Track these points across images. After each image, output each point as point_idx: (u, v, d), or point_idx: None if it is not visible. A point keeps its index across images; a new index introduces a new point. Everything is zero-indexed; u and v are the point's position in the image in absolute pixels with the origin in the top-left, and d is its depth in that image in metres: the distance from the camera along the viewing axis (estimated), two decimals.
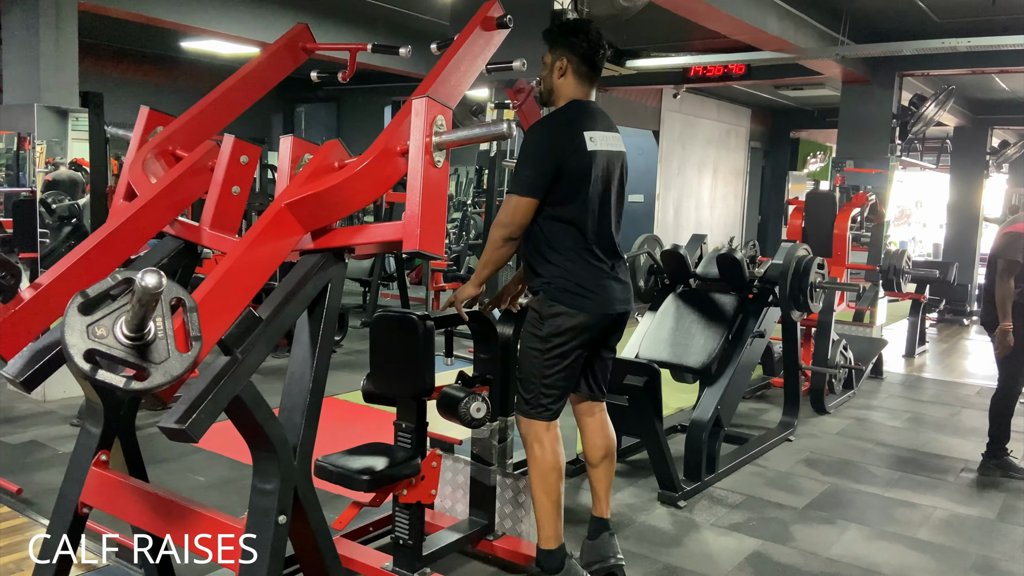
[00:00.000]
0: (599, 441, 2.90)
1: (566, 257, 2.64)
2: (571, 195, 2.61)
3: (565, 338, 2.64)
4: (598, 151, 2.65)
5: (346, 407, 5.20)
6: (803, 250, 4.77)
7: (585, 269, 2.65)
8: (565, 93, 2.73)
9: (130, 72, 10.25)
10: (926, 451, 4.92)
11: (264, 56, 2.55)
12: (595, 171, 2.64)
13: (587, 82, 2.75)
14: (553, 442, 2.71)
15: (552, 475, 2.69)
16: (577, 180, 2.61)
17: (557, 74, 2.72)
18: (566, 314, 2.63)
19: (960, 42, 6.67)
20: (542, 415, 2.69)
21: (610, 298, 2.70)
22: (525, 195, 2.59)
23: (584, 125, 2.65)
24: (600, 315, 2.69)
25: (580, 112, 2.69)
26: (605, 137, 2.70)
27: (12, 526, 3.31)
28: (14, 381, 1.87)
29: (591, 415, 2.91)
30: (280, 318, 1.79)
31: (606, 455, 2.91)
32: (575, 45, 2.69)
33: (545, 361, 2.66)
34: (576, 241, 2.65)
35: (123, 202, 2.14)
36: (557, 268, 2.65)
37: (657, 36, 8.21)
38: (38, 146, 5.17)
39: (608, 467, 2.92)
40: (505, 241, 2.63)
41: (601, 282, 2.68)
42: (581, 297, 2.64)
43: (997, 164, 11.66)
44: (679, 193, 11.99)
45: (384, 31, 8.10)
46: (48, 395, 5.05)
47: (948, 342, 9.33)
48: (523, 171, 2.62)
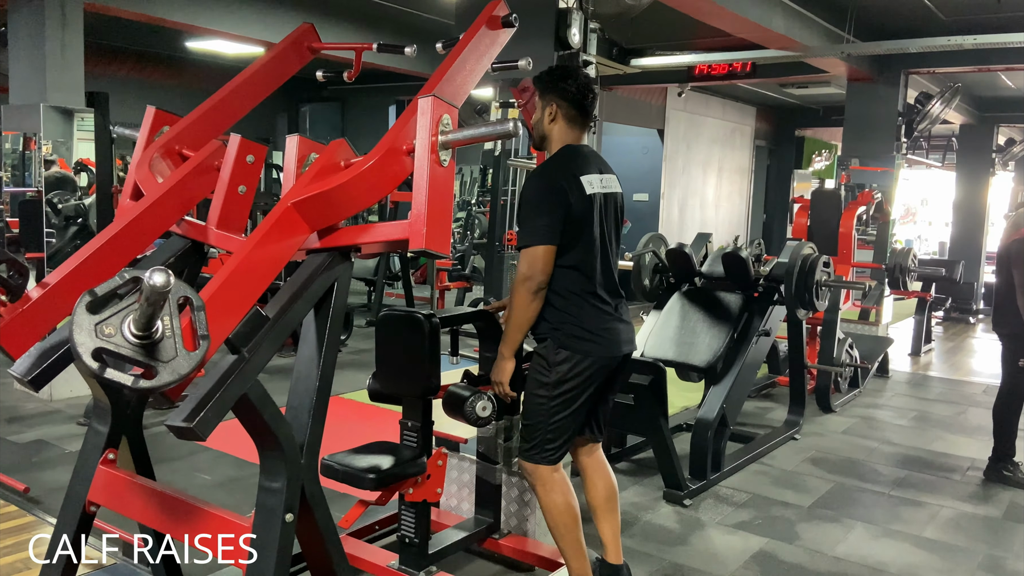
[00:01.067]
0: (600, 483, 2.85)
1: (571, 302, 2.62)
2: (575, 239, 2.60)
3: (573, 383, 2.62)
4: (596, 194, 2.64)
5: (352, 406, 5.21)
6: (809, 248, 4.76)
7: (591, 313, 2.63)
8: (558, 138, 2.72)
9: (135, 72, 10.27)
10: (932, 450, 4.91)
11: (270, 56, 2.55)
12: (596, 215, 2.63)
13: (578, 126, 2.73)
14: (560, 484, 2.67)
15: (565, 516, 2.65)
16: (580, 224, 2.60)
17: (548, 119, 2.71)
18: (574, 360, 2.61)
19: (966, 40, 6.64)
20: (547, 460, 2.66)
21: (616, 340, 2.68)
22: (544, 243, 2.55)
23: (580, 170, 2.64)
24: (607, 358, 2.66)
25: (574, 157, 2.68)
26: (600, 179, 2.69)
27: (19, 524, 3.33)
28: (22, 380, 1.87)
29: (589, 455, 2.87)
30: (287, 317, 1.79)
31: (609, 497, 2.85)
32: (564, 91, 2.68)
33: (552, 408, 2.63)
34: (581, 285, 2.63)
35: (130, 201, 2.14)
36: (563, 313, 2.62)
37: (662, 35, 8.19)
38: (44, 146, 5.19)
39: (613, 509, 2.85)
40: (535, 295, 2.57)
41: (607, 325, 2.66)
42: (588, 342, 2.62)
43: (1003, 162, 11.61)
44: (684, 192, 11.98)
45: (389, 30, 8.10)
46: (55, 394, 5.07)
47: (954, 340, 9.31)
48: (536, 220, 2.58)
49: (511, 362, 2.67)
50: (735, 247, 4.81)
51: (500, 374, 2.68)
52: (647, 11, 4.57)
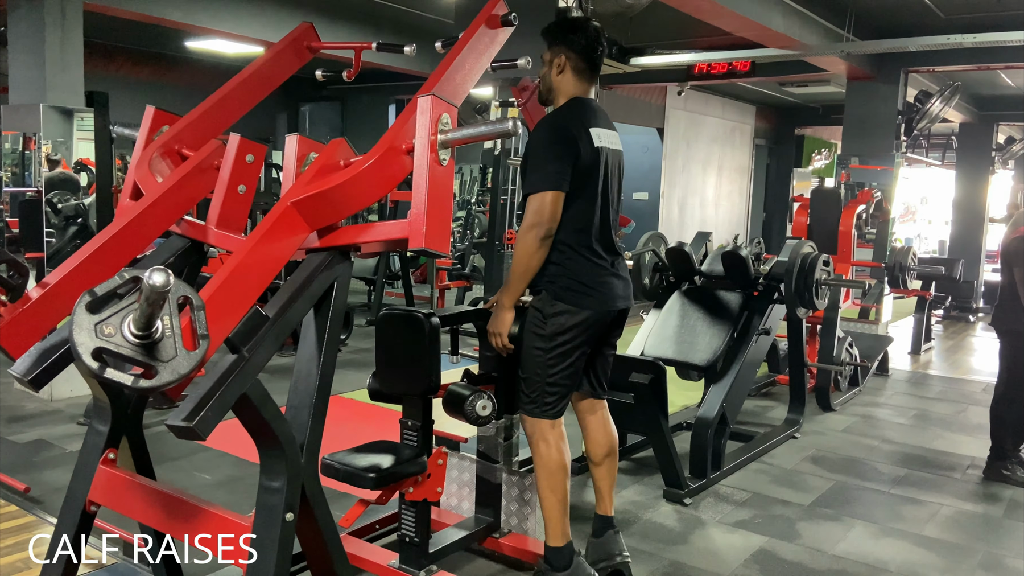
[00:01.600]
0: (601, 439, 2.91)
1: (567, 255, 2.63)
2: (578, 191, 2.61)
3: (568, 336, 2.64)
4: (603, 147, 2.65)
5: (352, 405, 5.21)
6: (808, 247, 4.76)
7: (587, 267, 2.65)
8: (565, 90, 2.73)
9: (135, 72, 10.27)
10: (932, 448, 4.91)
11: (269, 55, 2.55)
12: (601, 168, 2.64)
13: (586, 79, 2.74)
14: (558, 440, 2.71)
15: (558, 473, 2.69)
16: (586, 176, 2.61)
17: (556, 71, 2.71)
18: (569, 312, 2.63)
19: (965, 38, 6.64)
20: (546, 413, 2.69)
21: (612, 295, 2.71)
22: (552, 189, 2.54)
23: (589, 122, 2.65)
24: (602, 312, 2.69)
25: (583, 108, 2.70)
26: (608, 135, 2.71)
27: (20, 524, 3.33)
28: (22, 380, 1.87)
29: (592, 413, 2.91)
30: (287, 316, 1.79)
31: (609, 453, 2.91)
32: (573, 42, 2.68)
33: (548, 360, 2.66)
34: (579, 239, 2.64)
35: (129, 201, 2.14)
36: (559, 267, 2.64)
37: (662, 33, 8.19)
38: (44, 146, 5.19)
39: (611, 465, 2.92)
40: (542, 241, 2.55)
41: (603, 279, 2.68)
42: (584, 295, 2.64)
43: (1003, 160, 11.61)
44: (684, 191, 11.98)
45: (389, 30, 8.10)
46: (55, 394, 5.07)
47: (954, 339, 9.31)
48: (545, 166, 2.57)
49: (510, 312, 2.66)
50: (735, 246, 4.81)
51: (498, 324, 2.67)
52: (646, 10, 4.57)
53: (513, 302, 2.66)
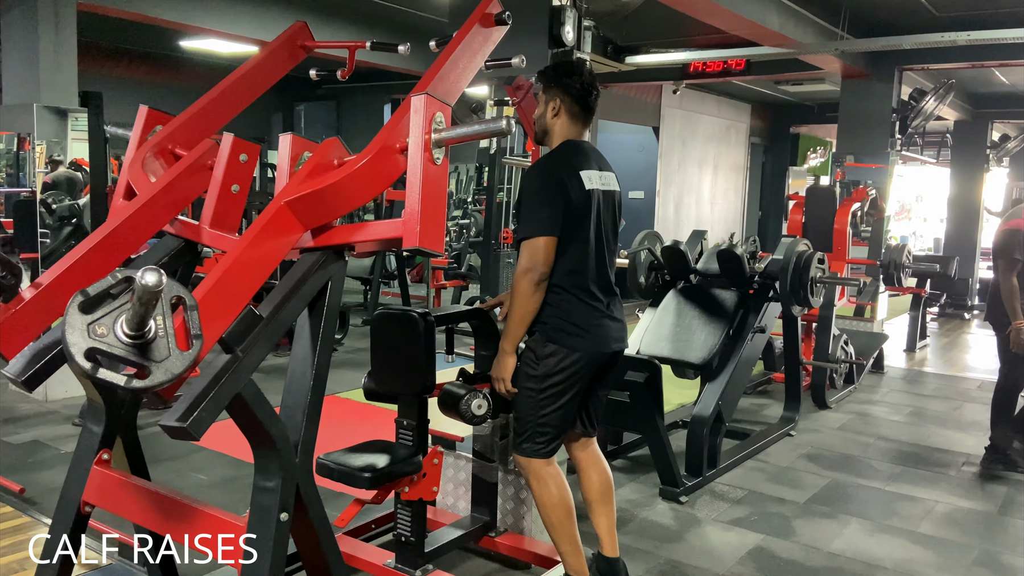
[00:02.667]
0: (595, 477, 2.86)
1: (562, 297, 2.63)
2: (571, 234, 2.60)
3: (560, 377, 2.62)
4: (594, 190, 2.65)
5: (348, 405, 5.20)
6: (803, 245, 4.77)
7: (581, 308, 2.64)
8: (559, 133, 2.73)
9: (129, 71, 10.24)
10: (928, 445, 4.92)
11: (263, 55, 2.55)
12: (593, 211, 2.64)
13: (580, 122, 2.75)
14: (553, 477, 2.67)
15: (558, 510, 2.65)
16: (577, 219, 2.60)
17: (551, 114, 2.72)
18: (561, 353, 2.61)
19: (960, 36, 6.66)
20: (538, 453, 2.67)
21: (605, 337, 2.68)
22: (545, 235, 2.55)
23: (580, 165, 2.64)
24: (595, 354, 2.66)
25: (575, 152, 2.69)
26: (600, 176, 2.70)
27: (15, 525, 3.32)
28: (16, 381, 1.87)
29: (583, 450, 2.88)
30: (281, 316, 1.79)
31: (604, 491, 2.85)
32: (568, 87, 2.69)
33: (541, 401, 2.64)
34: (572, 280, 2.63)
35: (123, 201, 2.14)
36: (553, 308, 2.63)
37: (657, 32, 8.20)
38: (38, 146, 5.17)
39: (608, 502, 2.86)
40: (536, 286, 2.56)
41: (597, 321, 2.66)
42: (576, 337, 2.62)
43: (998, 158, 11.62)
44: (679, 189, 11.99)
45: (383, 29, 8.09)
46: (50, 395, 5.06)
47: (949, 336, 9.33)
48: (537, 212, 2.58)
49: (512, 357, 2.66)
50: (730, 244, 4.82)
51: (501, 370, 2.67)
52: (641, 8, 4.57)
53: (514, 347, 2.66)
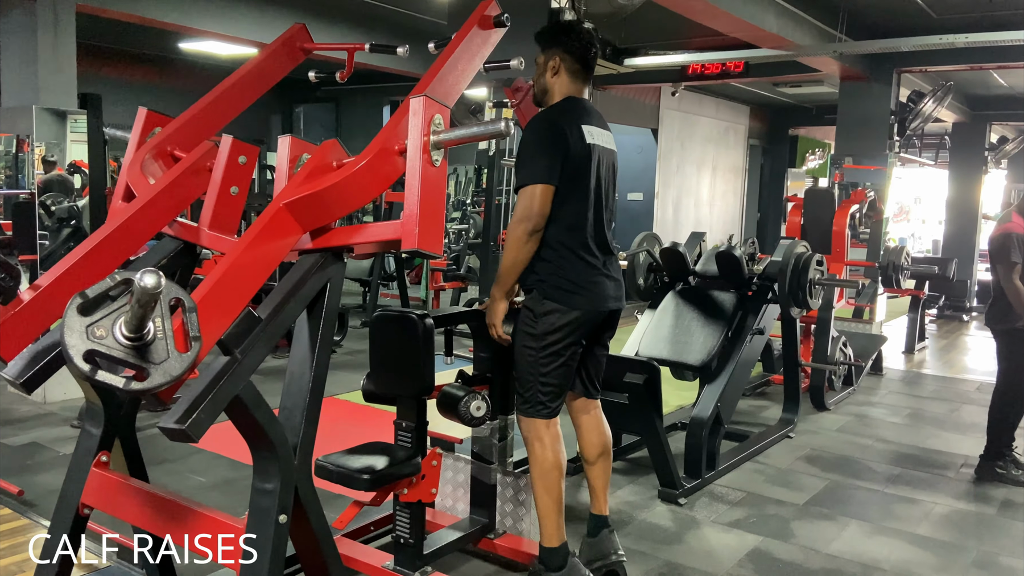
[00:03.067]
0: (595, 439, 2.92)
1: (559, 254, 2.65)
2: (571, 189, 2.62)
3: (559, 335, 2.65)
4: (595, 145, 2.67)
5: (346, 407, 5.20)
6: (802, 247, 4.77)
7: (578, 266, 2.66)
8: (559, 90, 2.75)
9: (128, 73, 10.25)
10: (926, 447, 4.92)
11: (262, 56, 2.55)
12: (593, 166, 2.65)
13: (580, 80, 2.76)
14: (553, 440, 2.72)
15: (553, 473, 2.70)
16: (578, 173, 2.62)
17: (550, 73, 2.74)
18: (559, 311, 2.64)
19: (958, 38, 6.67)
20: (540, 413, 2.70)
21: (603, 295, 2.71)
22: (543, 182, 2.56)
23: (581, 118, 2.67)
24: (593, 312, 2.69)
25: (576, 106, 2.72)
26: (601, 133, 2.73)
27: (13, 527, 3.32)
28: (14, 383, 1.87)
29: (586, 412, 2.92)
30: (279, 318, 1.79)
31: (603, 452, 2.92)
32: (567, 44, 2.71)
33: (541, 359, 2.67)
34: (571, 238, 2.65)
35: (122, 203, 2.14)
36: (550, 265, 2.65)
37: (655, 34, 8.21)
38: (37, 148, 5.17)
39: (605, 464, 2.94)
40: (530, 235, 2.58)
41: (594, 279, 2.68)
42: (574, 294, 2.65)
43: (996, 160, 11.65)
44: (678, 191, 12.00)
45: (382, 31, 8.10)
46: (48, 397, 5.05)
47: (948, 338, 9.34)
48: (536, 160, 2.60)
49: (503, 303, 2.69)
50: (729, 246, 4.82)
51: (492, 315, 2.71)
52: (640, 11, 4.57)
53: (504, 293, 2.69)
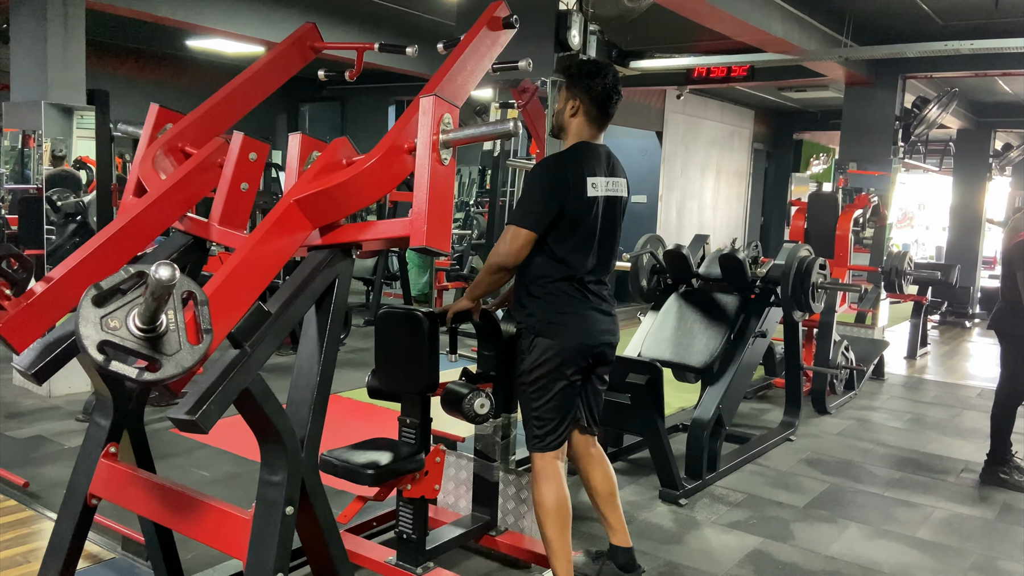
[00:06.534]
0: (598, 475, 2.90)
1: (549, 291, 2.66)
2: (566, 235, 2.63)
3: (544, 369, 2.65)
4: (598, 196, 2.67)
5: (351, 404, 5.23)
6: (805, 251, 4.79)
7: (566, 302, 2.66)
8: (575, 132, 2.75)
9: (136, 71, 10.28)
10: (927, 452, 4.93)
11: (272, 55, 2.58)
12: (592, 216, 2.66)
13: (597, 125, 2.76)
14: (551, 476, 2.69)
15: (546, 520, 2.67)
16: (574, 222, 2.63)
17: (569, 112, 2.74)
18: (542, 345, 2.65)
19: (963, 44, 6.68)
20: (535, 447, 2.70)
21: (590, 329, 2.69)
22: (528, 229, 2.60)
23: (588, 170, 2.66)
24: (579, 344, 2.67)
25: (586, 155, 2.70)
26: (607, 183, 2.71)
27: (19, 519, 3.34)
28: (26, 373, 1.89)
29: (584, 450, 2.90)
30: (289, 312, 1.82)
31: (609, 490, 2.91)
32: (591, 88, 2.70)
33: (531, 393, 2.68)
34: (563, 277, 2.66)
35: (133, 198, 2.16)
36: (540, 301, 2.67)
37: (661, 37, 8.22)
38: (44, 143, 5.20)
39: (614, 499, 2.92)
40: (500, 269, 2.66)
41: (581, 313, 2.68)
42: (557, 326, 2.65)
43: (1000, 167, 11.65)
44: (682, 194, 12.00)
45: (391, 31, 8.13)
46: (54, 391, 5.08)
47: (950, 344, 9.34)
48: (530, 205, 2.64)
49: (465, 302, 2.81)
50: (732, 249, 4.84)
51: (454, 305, 2.83)
52: (646, 13, 4.59)
53: (471, 299, 2.80)
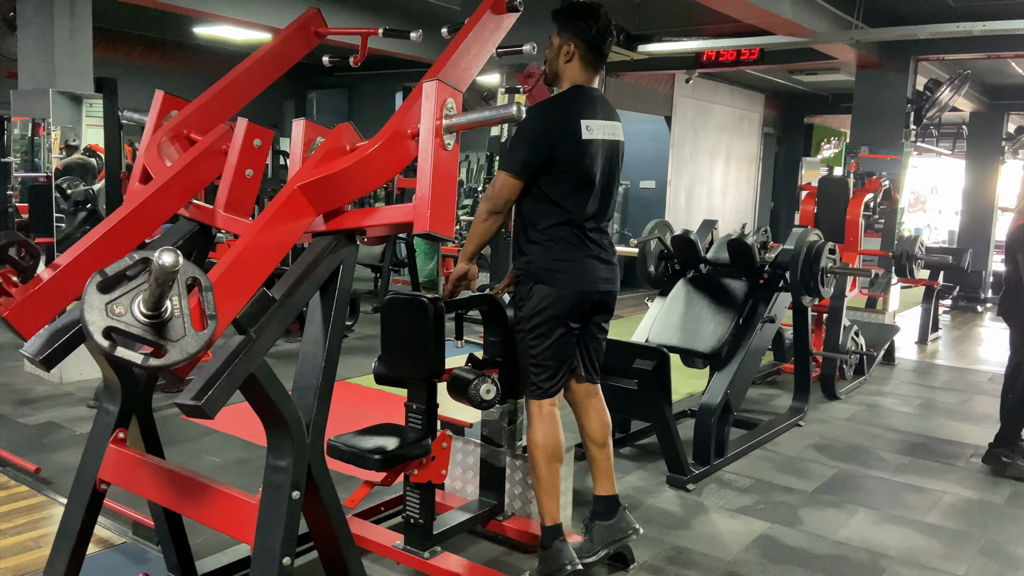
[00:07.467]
0: (595, 421, 2.91)
1: (547, 237, 2.68)
2: (561, 179, 2.65)
3: (543, 316, 2.68)
4: (594, 140, 2.67)
5: (358, 390, 5.25)
6: (814, 235, 4.76)
7: (564, 248, 2.68)
8: (569, 77, 2.75)
9: (143, 58, 10.30)
10: (936, 437, 4.92)
11: (277, 41, 2.57)
12: (588, 159, 2.66)
13: (592, 69, 2.76)
14: (544, 422, 2.72)
15: (535, 453, 2.72)
16: (568, 166, 2.64)
17: (564, 58, 2.74)
18: (540, 292, 2.68)
19: (975, 26, 6.60)
20: (533, 393, 2.73)
21: (588, 276, 2.71)
22: (513, 174, 2.63)
23: (583, 113, 2.66)
24: (576, 291, 2.69)
25: (581, 99, 2.71)
26: (603, 126, 2.71)
27: (31, 504, 3.38)
28: (34, 360, 1.91)
29: (585, 398, 2.91)
30: (293, 298, 1.82)
31: (604, 435, 2.91)
32: (584, 31, 2.70)
33: (530, 340, 2.71)
34: (561, 222, 2.67)
35: (139, 185, 2.17)
36: (538, 247, 2.69)
37: (669, 20, 8.16)
38: (53, 131, 5.22)
39: (607, 446, 2.93)
40: (489, 214, 2.68)
41: (579, 260, 2.69)
42: (556, 272, 2.67)
43: (1013, 150, 11.54)
44: (691, 179, 11.95)
45: (395, 16, 8.10)
46: (65, 377, 5.12)
47: (961, 329, 9.29)
48: (517, 151, 2.66)
49: (463, 265, 2.79)
50: (741, 234, 4.81)
51: (453, 273, 2.81)
52: None
53: (466, 258, 2.78)
